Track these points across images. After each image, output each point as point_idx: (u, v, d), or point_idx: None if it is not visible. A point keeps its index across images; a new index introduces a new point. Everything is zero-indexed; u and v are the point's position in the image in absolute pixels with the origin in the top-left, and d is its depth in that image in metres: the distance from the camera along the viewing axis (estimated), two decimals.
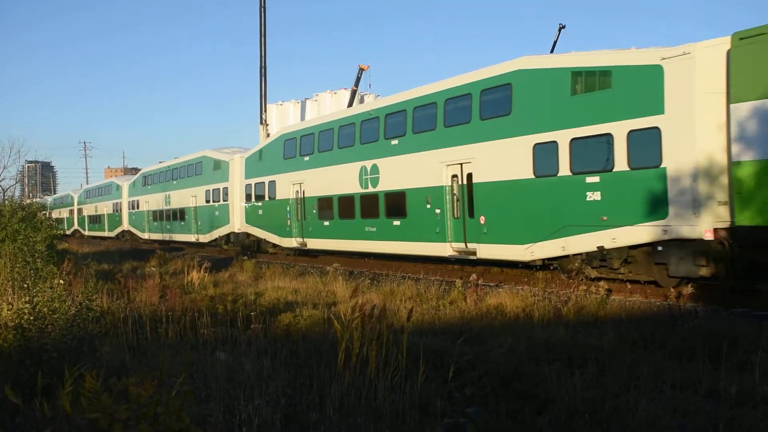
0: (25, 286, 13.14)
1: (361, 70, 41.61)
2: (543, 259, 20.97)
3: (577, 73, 19.58)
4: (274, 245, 37.34)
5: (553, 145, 20.13)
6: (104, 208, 70.04)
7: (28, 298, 10.21)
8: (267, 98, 47.20)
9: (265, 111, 46.77)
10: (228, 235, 43.16)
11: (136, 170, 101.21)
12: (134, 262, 31.16)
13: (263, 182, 37.69)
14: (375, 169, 28.10)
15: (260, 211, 38.21)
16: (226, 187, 42.35)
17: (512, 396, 8.43)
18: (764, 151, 15.17)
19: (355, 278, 22.41)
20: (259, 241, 39.32)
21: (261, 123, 45.95)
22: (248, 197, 39.48)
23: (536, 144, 20.72)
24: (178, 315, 13.11)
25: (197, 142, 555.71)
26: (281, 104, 49.87)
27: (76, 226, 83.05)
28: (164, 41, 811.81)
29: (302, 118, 45.57)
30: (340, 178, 30.33)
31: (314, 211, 32.62)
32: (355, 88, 41.65)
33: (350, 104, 40.42)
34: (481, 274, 21.17)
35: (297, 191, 34.24)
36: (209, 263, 25.26)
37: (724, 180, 16.36)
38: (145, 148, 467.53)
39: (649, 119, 17.45)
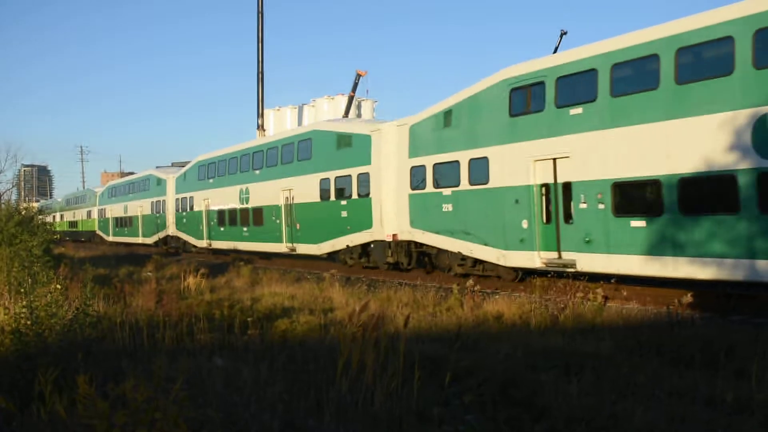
0: (22, 290, 13.12)
1: (359, 75, 41.57)
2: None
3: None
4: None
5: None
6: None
7: (25, 302, 10.19)
8: (264, 103, 47.22)
9: (262, 116, 46.75)
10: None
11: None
12: (130, 266, 31.07)
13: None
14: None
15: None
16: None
17: (509, 403, 8.42)
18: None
19: (352, 284, 22.39)
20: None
21: (258, 128, 45.95)
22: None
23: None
24: (174, 320, 13.09)
25: (195, 146, 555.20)
26: (278, 109, 49.81)
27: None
28: (161, 45, 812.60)
29: (299, 123, 45.70)
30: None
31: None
32: (352, 94, 41.63)
33: (347, 110, 40.58)
34: (478, 280, 21.17)
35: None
36: (205, 268, 25.21)
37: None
38: (141, 153, 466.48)
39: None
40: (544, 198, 20.55)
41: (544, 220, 20.41)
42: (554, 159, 19.91)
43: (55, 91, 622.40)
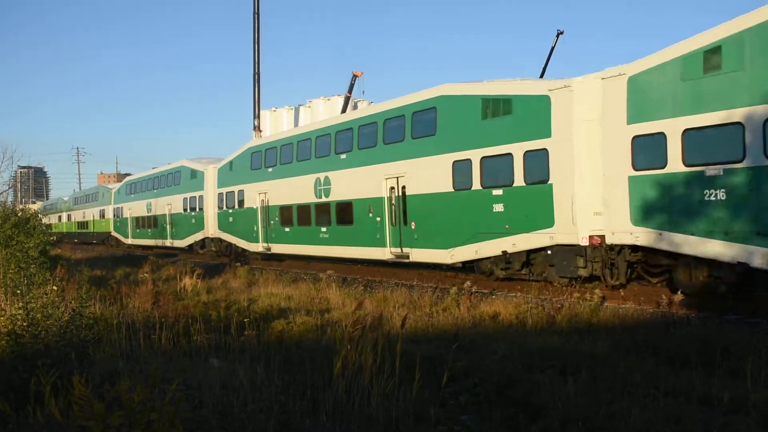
0: (18, 292, 13.11)
1: (355, 76, 41.51)
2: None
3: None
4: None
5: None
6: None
7: (21, 304, 10.17)
8: (261, 104, 47.09)
9: (259, 117, 46.69)
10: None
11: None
12: (127, 268, 31.07)
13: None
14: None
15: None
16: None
17: (506, 403, 8.44)
18: None
19: (349, 285, 22.40)
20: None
21: (254, 129, 45.89)
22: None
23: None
24: (171, 321, 13.11)
25: (191, 148, 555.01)
26: (275, 110, 49.74)
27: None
28: (158, 49, 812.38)
29: (296, 124, 45.44)
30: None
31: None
32: (348, 95, 41.56)
33: (344, 110, 40.40)
34: (475, 281, 21.17)
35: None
36: (202, 269, 25.22)
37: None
38: (138, 154, 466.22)
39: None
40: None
41: None
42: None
43: (52, 93, 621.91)
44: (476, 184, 22.54)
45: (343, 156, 29.68)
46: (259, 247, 36.95)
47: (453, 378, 8.58)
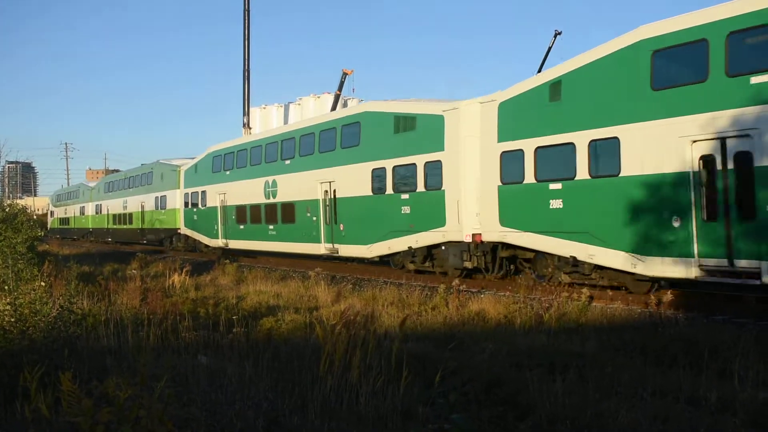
0: (6, 287, 13.05)
1: (345, 74, 41.45)
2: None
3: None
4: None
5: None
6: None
7: (8, 299, 10.14)
8: (250, 101, 47.03)
9: (248, 114, 46.61)
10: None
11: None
12: (115, 264, 30.94)
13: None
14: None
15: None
16: None
17: (494, 402, 8.46)
18: None
19: (337, 283, 22.41)
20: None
21: (244, 126, 45.82)
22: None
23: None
24: (159, 318, 13.06)
25: (184, 144, 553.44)
26: (264, 107, 49.67)
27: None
28: (147, 46, 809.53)
29: (285, 121, 45.42)
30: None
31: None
32: (338, 92, 41.51)
33: (333, 108, 40.42)
34: (464, 279, 21.20)
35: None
36: (190, 266, 25.16)
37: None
38: (127, 150, 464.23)
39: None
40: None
41: None
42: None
43: (39, 88, 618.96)
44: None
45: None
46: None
47: (442, 376, 8.60)
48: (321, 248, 30.40)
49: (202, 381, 8.35)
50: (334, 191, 29.74)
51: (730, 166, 15.44)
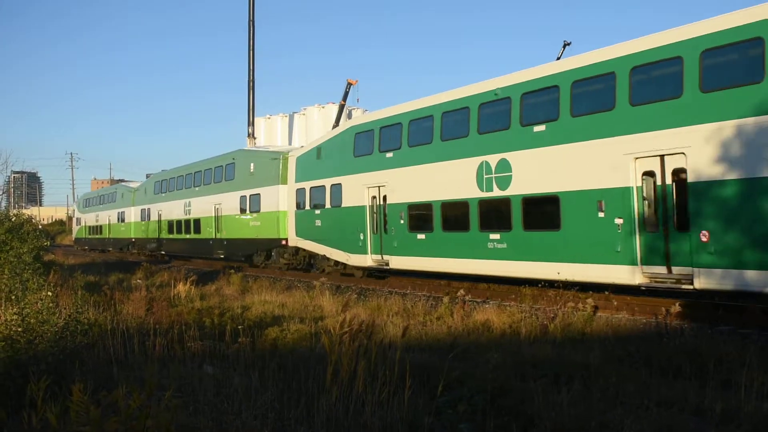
0: (13, 297, 13.09)
1: (349, 84, 41.63)
2: None
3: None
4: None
5: None
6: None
7: (16, 309, 10.18)
8: (255, 112, 47.24)
9: (253, 124, 46.77)
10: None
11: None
12: (120, 274, 31.02)
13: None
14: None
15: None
16: None
17: (499, 412, 8.46)
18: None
19: (342, 293, 22.43)
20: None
21: (248, 136, 45.97)
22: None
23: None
24: (165, 328, 13.10)
25: (187, 153, 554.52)
26: (269, 118, 49.90)
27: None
28: (152, 54, 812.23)
29: (290, 132, 45.73)
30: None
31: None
32: (342, 103, 41.70)
33: (337, 119, 40.54)
34: (469, 289, 21.19)
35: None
36: (195, 276, 25.21)
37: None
38: (132, 161, 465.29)
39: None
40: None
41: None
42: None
43: (45, 98, 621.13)
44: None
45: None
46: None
47: (447, 387, 8.61)
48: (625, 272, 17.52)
49: (208, 391, 8.38)
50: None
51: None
